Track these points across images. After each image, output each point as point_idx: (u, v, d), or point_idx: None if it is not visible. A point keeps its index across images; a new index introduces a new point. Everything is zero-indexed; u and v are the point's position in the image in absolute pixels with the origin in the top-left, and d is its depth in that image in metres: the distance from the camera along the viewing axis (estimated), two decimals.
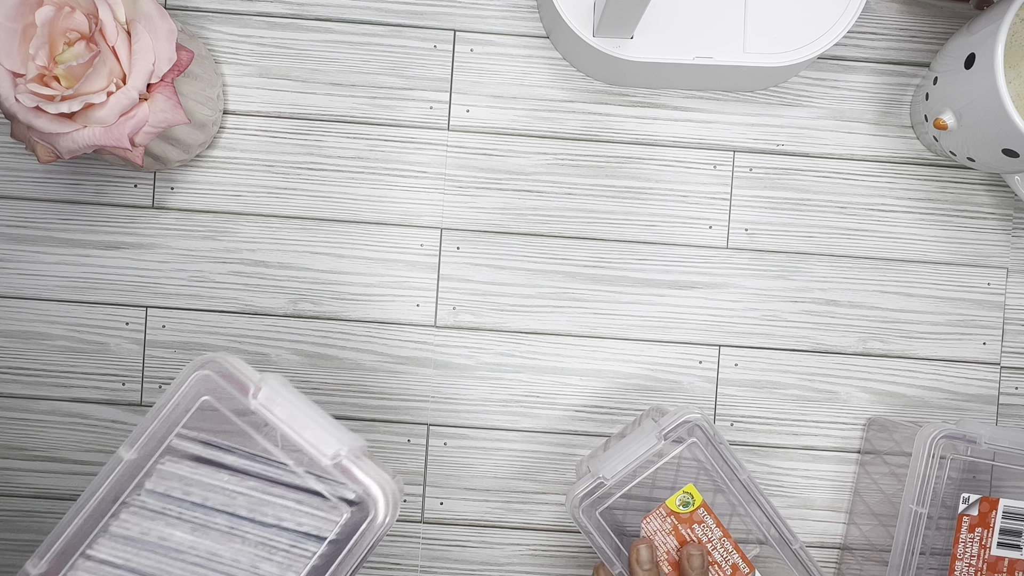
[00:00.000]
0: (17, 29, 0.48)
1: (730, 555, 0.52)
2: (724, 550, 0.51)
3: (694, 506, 0.51)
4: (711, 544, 0.51)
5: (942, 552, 0.53)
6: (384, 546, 0.59)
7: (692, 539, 0.51)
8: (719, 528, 0.51)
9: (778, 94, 0.60)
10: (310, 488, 0.40)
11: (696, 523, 0.51)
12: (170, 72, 0.49)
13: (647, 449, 0.50)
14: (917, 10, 0.60)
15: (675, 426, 0.50)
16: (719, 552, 0.51)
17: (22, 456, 0.59)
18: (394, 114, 0.59)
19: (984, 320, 0.60)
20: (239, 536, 0.41)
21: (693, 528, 0.51)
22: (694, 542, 0.50)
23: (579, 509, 0.50)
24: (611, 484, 0.50)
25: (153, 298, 0.59)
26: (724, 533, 0.51)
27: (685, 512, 0.51)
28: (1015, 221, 0.60)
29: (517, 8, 0.59)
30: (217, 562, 0.40)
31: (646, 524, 0.51)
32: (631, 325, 0.59)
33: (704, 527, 0.51)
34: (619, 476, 0.50)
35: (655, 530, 0.51)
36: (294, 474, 0.41)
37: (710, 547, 0.51)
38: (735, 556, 0.52)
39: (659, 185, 0.59)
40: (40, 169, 0.59)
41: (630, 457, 0.50)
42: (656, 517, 0.51)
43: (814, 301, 0.60)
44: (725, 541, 0.51)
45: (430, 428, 0.59)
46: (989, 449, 0.51)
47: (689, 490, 0.52)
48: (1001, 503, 0.53)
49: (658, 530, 0.51)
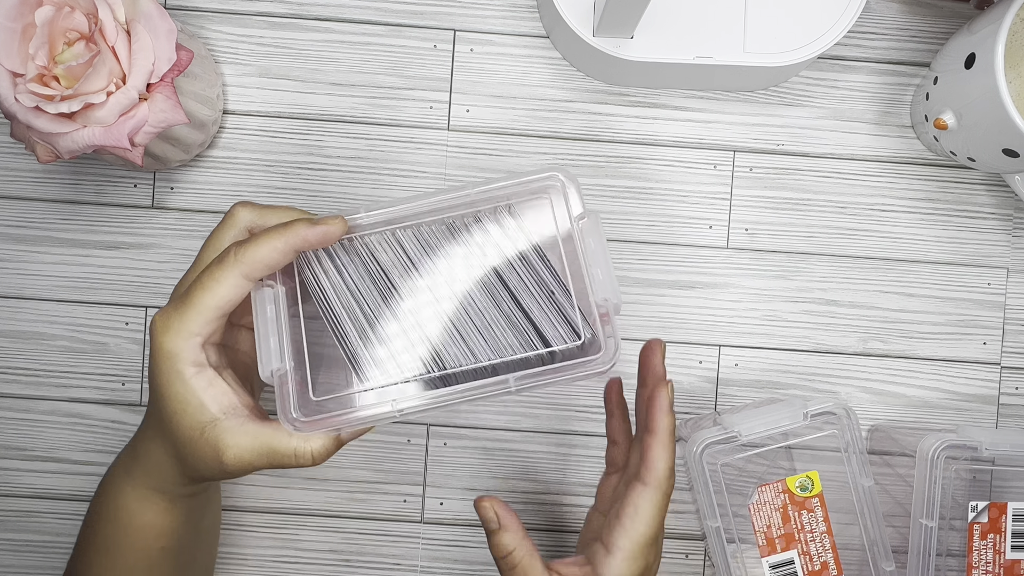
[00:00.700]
0: (17, 29, 0.48)
1: (825, 552, 0.52)
2: (821, 545, 0.52)
3: (811, 493, 0.52)
4: (811, 535, 0.52)
5: (959, 553, 0.53)
6: (384, 546, 0.59)
7: (798, 523, 0.52)
8: (825, 523, 0.52)
9: (778, 94, 0.60)
10: (566, 311, 0.44)
11: (806, 510, 0.52)
12: (170, 72, 0.49)
13: (790, 422, 0.50)
14: (917, 10, 0.60)
15: (822, 411, 0.50)
16: (815, 545, 0.52)
17: (22, 456, 0.59)
18: (394, 114, 0.59)
19: (984, 320, 0.60)
20: (494, 298, 0.44)
21: (801, 514, 0.52)
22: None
23: (703, 454, 0.50)
24: (743, 442, 0.50)
25: (153, 298, 0.59)
26: (828, 530, 0.52)
27: (800, 496, 0.52)
28: (1015, 221, 0.60)
29: (517, 8, 0.59)
30: (470, 302, 0.44)
31: (759, 492, 0.52)
32: (631, 325, 0.59)
33: (812, 517, 0.52)
34: (753, 437, 0.50)
35: (766, 501, 0.52)
36: (565, 293, 0.44)
37: (810, 538, 0.52)
38: (829, 555, 0.52)
39: (659, 185, 0.59)
40: (40, 169, 0.59)
41: (771, 423, 0.50)
42: (770, 489, 0.52)
43: (814, 301, 0.60)
44: (826, 537, 0.52)
45: (430, 428, 0.59)
46: (991, 455, 0.51)
47: (812, 476, 0.52)
48: (1010, 507, 0.53)
49: (768, 503, 0.52)
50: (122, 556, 0.46)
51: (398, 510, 0.59)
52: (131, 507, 0.46)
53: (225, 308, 0.42)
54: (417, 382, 0.44)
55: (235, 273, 0.41)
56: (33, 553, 0.59)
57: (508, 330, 0.44)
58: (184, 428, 0.42)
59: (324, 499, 0.59)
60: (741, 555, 0.52)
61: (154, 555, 0.47)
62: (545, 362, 0.44)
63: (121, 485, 0.46)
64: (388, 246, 0.45)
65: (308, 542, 0.59)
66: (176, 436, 0.43)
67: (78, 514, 0.59)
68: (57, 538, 0.59)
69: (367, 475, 0.59)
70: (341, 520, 0.59)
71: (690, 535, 0.60)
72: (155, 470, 0.45)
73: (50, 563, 0.59)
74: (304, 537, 0.59)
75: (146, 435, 0.45)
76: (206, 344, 0.42)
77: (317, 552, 0.59)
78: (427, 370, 0.43)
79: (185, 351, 0.41)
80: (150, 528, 0.46)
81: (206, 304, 0.41)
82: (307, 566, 0.59)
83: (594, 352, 0.43)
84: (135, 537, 0.46)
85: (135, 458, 0.46)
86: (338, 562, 0.59)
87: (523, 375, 0.42)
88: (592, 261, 0.44)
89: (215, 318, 0.42)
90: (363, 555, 0.59)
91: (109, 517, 0.47)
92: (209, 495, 0.50)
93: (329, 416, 0.42)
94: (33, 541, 0.59)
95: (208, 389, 0.42)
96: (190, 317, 0.41)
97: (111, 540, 0.47)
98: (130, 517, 0.46)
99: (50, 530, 0.59)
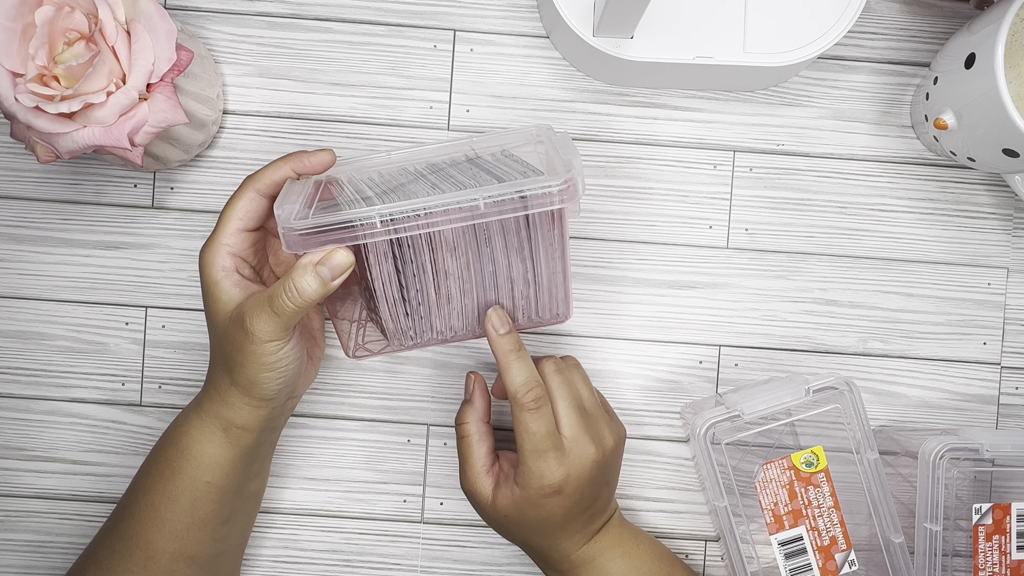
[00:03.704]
0: (17, 29, 0.48)
1: (833, 527, 0.52)
2: (829, 520, 0.52)
3: (817, 468, 0.52)
4: (819, 511, 0.52)
5: (966, 553, 0.53)
6: (384, 546, 0.59)
7: (804, 499, 0.52)
8: (832, 498, 0.52)
9: (778, 94, 0.60)
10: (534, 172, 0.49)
11: (812, 486, 0.52)
12: (170, 72, 0.49)
13: (793, 399, 0.50)
14: (917, 10, 0.60)
15: (824, 386, 0.50)
16: (823, 520, 0.52)
17: (22, 456, 0.59)
18: (394, 114, 0.59)
19: (984, 320, 0.60)
20: (473, 171, 0.50)
21: (808, 490, 0.52)
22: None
23: (707, 434, 0.50)
24: (746, 420, 0.50)
25: (153, 298, 0.59)
26: (835, 504, 0.52)
27: (806, 471, 0.52)
28: (1015, 221, 0.60)
29: (517, 8, 0.59)
30: (453, 174, 0.51)
31: (765, 470, 0.52)
32: (631, 325, 0.59)
33: (818, 492, 0.52)
34: (757, 415, 0.50)
35: (771, 478, 0.52)
36: (535, 170, 0.49)
37: (817, 513, 0.52)
38: (837, 530, 0.52)
39: (659, 185, 0.59)
40: (40, 169, 0.59)
41: (773, 401, 0.50)
42: (776, 467, 0.52)
43: (814, 301, 0.60)
44: (833, 512, 0.52)
45: (430, 428, 0.59)
46: (992, 456, 0.51)
47: (817, 451, 0.52)
48: (1014, 507, 0.53)
49: (774, 480, 0.52)
50: (172, 481, 0.50)
51: (398, 510, 0.59)
52: (191, 433, 0.50)
53: (245, 219, 0.50)
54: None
55: (249, 188, 0.50)
56: (33, 553, 0.59)
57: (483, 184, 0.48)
58: (219, 323, 0.49)
59: (324, 499, 0.59)
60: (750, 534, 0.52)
61: (200, 487, 0.50)
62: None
63: (188, 414, 0.51)
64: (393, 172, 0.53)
65: (308, 542, 0.59)
66: (215, 334, 0.49)
67: (78, 514, 0.59)
68: (57, 538, 0.59)
69: (367, 475, 0.59)
70: (341, 520, 0.59)
71: (691, 536, 0.60)
72: (217, 396, 0.50)
73: (50, 563, 0.59)
74: (304, 537, 0.59)
75: (210, 365, 0.51)
76: (236, 255, 0.50)
77: (317, 552, 0.59)
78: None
79: (216, 257, 0.49)
80: (202, 457, 0.50)
81: (228, 217, 0.50)
82: (307, 566, 0.59)
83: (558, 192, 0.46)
84: (187, 463, 0.50)
85: (204, 388, 0.51)
86: (338, 562, 0.59)
87: (490, 196, 0.45)
88: (561, 147, 0.49)
89: (237, 229, 0.50)
90: (363, 555, 0.59)
91: (171, 441, 0.51)
92: (260, 452, 0.52)
93: (316, 220, 0.46)
94: (33, 541, 0.59)
95: (236, 287, 0.49)
96: (218, 231, 0.50)
97: (166, 464, 0.51)
98: (192, 444, 0.50)
99: (50, 530, 0.59)
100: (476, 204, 0.45)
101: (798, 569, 0.53)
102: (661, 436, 0.60)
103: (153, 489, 0.51)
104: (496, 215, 0.46)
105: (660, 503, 0.59)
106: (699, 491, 0.59)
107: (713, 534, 0.59)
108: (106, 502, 0.59)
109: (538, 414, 0.49)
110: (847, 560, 0.53)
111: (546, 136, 0.52)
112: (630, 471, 0.59)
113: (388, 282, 0.48)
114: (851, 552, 0.53)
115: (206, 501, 0.50)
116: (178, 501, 0.50)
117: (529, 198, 0.45)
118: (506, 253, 0.49)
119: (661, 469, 0.60)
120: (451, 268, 0.48)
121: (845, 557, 0.53)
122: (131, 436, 0.59)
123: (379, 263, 0.47)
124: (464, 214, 0.45)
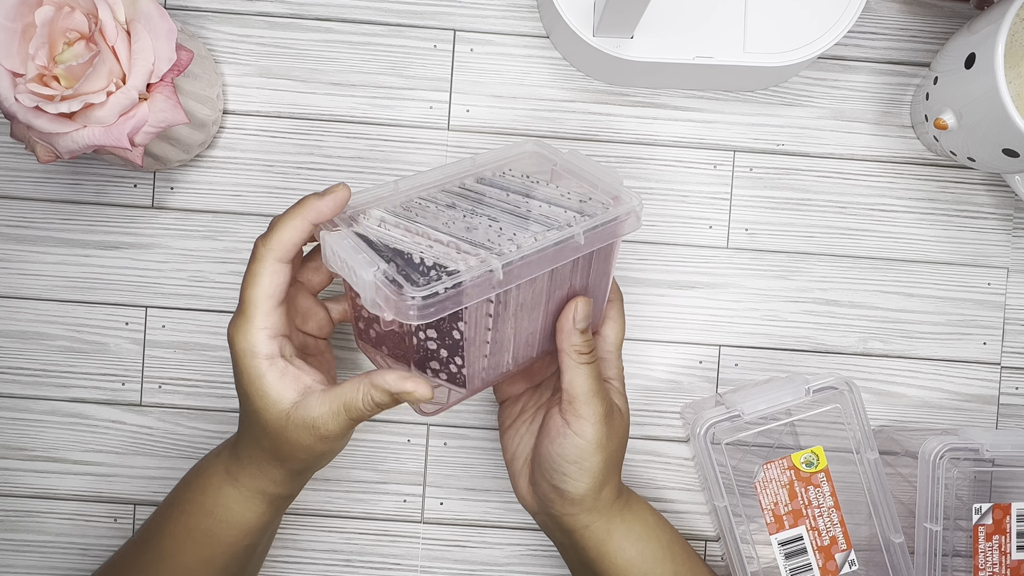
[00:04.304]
0: (17, 29, 0.48)
1: (833, 527, 0.52)
2: (829, 520, 0.52)
3: (817, 468, 0.52)
4: (819, 510, 0.52)
5: (966, 553, 0.53)
6: (384, 546, 0.59)
7: (805, 499, 0.52)
8: (832, 498, 0.52)
9: (778, 94, 0.60)
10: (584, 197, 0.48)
11: (813, 485, 0.52)
12: (170, 72, 0.49)
13: (793, 399, 0.50)
14: (917, 10, 0.60)
15: (824, 386, 0.50)
16: (823, 520, 0.52)
17: (22, 456, 0.59)
18: (394, 114, 0.59)
19: (984, 320, 0.60)
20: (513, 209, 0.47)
21: (808, 489, 0.52)
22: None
23: (707, 433, 0.50)
24: (746, 420, 0.50)
25: (153, 298, 0.59)
26: (835, 504, 0.52)
27: (806, 471, 0.52)
28: (1015, 221, 0.60)
29: (517, 8, 0.59)
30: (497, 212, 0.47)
31: (765, 470, 0.52)
32: (630, 325, 0.59)
33: (819, 492, 0.52)
34: (757, 415, 0.50)
35: (771, 478, 0.52)
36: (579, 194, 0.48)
37: (818, 513, 0.52)
38: (837, 530, 0.52)
39: (659, 185, 0.59)
40: (40, 169, 0.59)
41: (773, 401, 0.50)
42: (776, 467, 0.52)
43: (814, 301, 0.60)
44: (833, 512, 0.52)
45: (430, 428, 0.59)
46: (992, 456, 0.51)
47: (817, 451, 0.52)
48: (1013, 507, 0.53)
49: (774, 480, 0.52)
50: (210, 547, 0.49)
51: (398, 510, 0.59)
52: (232, 507, 0.48)
53: (276, 295, 0.45)
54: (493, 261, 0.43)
55: (269, 261, 0.45)
56: (33, 553, 0.59)
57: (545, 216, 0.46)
58: (272, 420, 0.45)
59: (324, 499, 0.59)
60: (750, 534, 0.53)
61: (240, 551, 0.49)
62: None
63: (222, 485, 0.49)
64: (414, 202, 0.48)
65: (308, 542, 0.59)
66: (267, 430, 0.45)
67: (78, 514, 0.59)
68: (57, 538, 0.59)
69: (367, 475, 0.59)
70: (341, 520, 0.59)
71: (691, 536, 0.60)
72: (259, 473, 0.48)
73: (50, 563, 0.59)
74: (304, 537, 0.59)
75: (244, 439, 0.48)
76: (275, 337, 0.45)
77: (317, 552, 0.59)
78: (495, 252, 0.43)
79: (256, 345, 0.45)
80: (245, 526, 0.49)
81: (258, 297, 0.45)
82: (307, 566, 0.59)
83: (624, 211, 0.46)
84: (229, 533, 0.49)
85: (237, 460, 0.48)
86: (338, 562, 0.59)
87: (587, 227, 0.44)
88: (589, 165, 0.49)
89: (271, 308, 0.45)
90: (363, 555, 0.59)
91: (207, 511, 0.49)
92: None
93: (439, 284, 0.41)
94: (33, 541, 0.59)
95: (283, 378, 0.45)
96: (250, 313, 0.45)
97: (204, 532, 0.49)
98: (230, 515, 0.48)
99: (50, 530, 0.59)
100: (575, 238, 0.44)
101: (798, 569, 0.53)
102: (661, 436, 0.60)
103: (184, 552, 0.49)
104: (588, 248, 0.44)
105: (660, 503, 0.59)
106: (699, 491, 0.59)
107: (713, 534, 0.59)
108: (106, 502, 0.59)
109: (589, 364, 0.47)
110: (847, 560, 0.53)
111: (548, 151, 0.50)
112: (630, 471, 0.59)
113: (478, 327, 0.44)
114: (851, 552, 0.53)
115: (243, 557, 0.50)
116: (214, 563, 0.49)
117: (619, 218, 0.45)
118: (571, 274, 0.46)
119: (661, 469, 0.60)
120: (525, 298, 0.45)
121: (845, 557, 0.53)
122: (131, 436, 0.59)
123: (476, 310, 0.43)
124: (567, 250, 0.44)
